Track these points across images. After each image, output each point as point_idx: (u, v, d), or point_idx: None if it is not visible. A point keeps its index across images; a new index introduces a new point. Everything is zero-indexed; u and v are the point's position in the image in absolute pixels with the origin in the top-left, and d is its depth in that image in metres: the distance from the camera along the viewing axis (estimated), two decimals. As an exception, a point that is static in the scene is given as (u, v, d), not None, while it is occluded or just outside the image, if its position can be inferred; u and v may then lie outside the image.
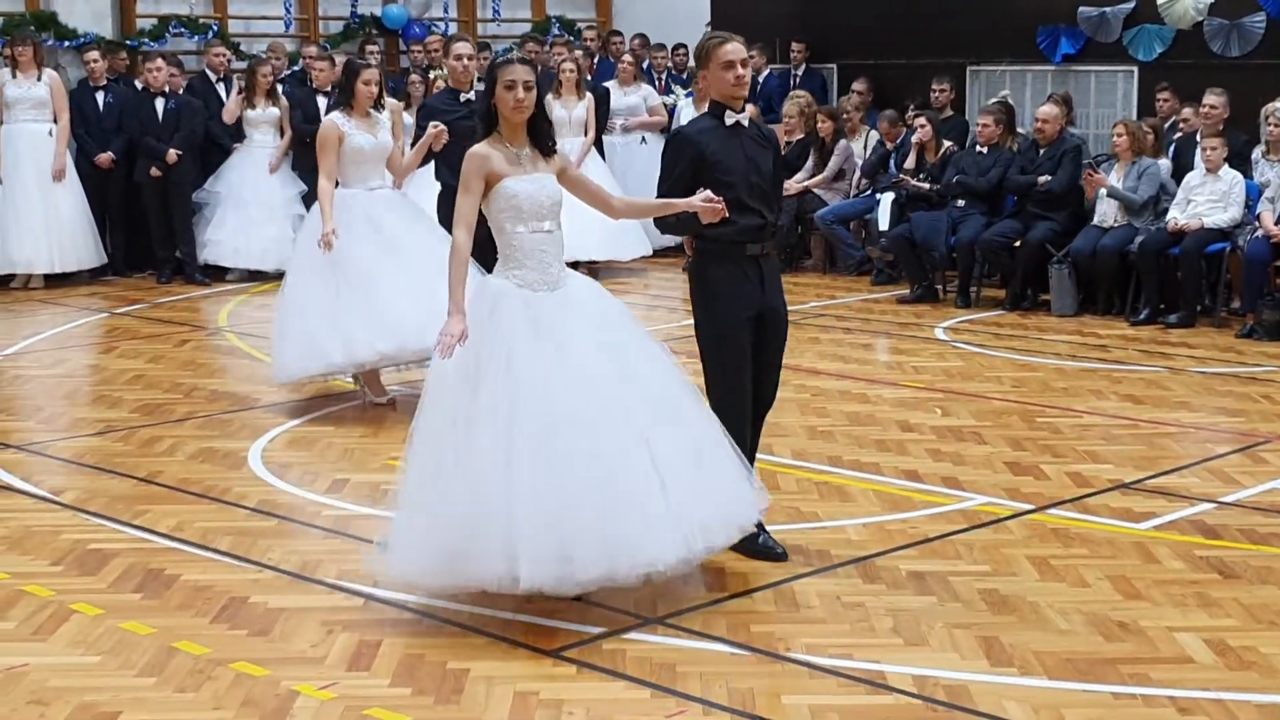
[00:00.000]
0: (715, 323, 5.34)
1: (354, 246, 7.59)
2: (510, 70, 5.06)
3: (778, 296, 5.47)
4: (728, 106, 5.37)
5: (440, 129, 7.62)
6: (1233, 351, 9.29)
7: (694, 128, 5.44)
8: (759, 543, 5.41)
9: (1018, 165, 11.00)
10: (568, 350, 4.93)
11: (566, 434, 4.80)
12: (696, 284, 5.42)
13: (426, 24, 15.30)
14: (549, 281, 5.06)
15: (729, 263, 5.33)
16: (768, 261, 5.44)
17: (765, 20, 14.66)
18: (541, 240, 5.07)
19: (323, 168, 7.72)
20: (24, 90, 11.84)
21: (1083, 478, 6.52)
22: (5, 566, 5.46)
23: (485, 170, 5.04)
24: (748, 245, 5.34)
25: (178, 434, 7.44)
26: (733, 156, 5.31)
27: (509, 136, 5.12)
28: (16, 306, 11.31)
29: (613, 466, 4.82)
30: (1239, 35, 12.15)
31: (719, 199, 5.10)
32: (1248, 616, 4.89)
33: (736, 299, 5.32)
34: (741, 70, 5.32)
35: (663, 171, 5.39)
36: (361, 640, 4.73)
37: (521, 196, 5.04)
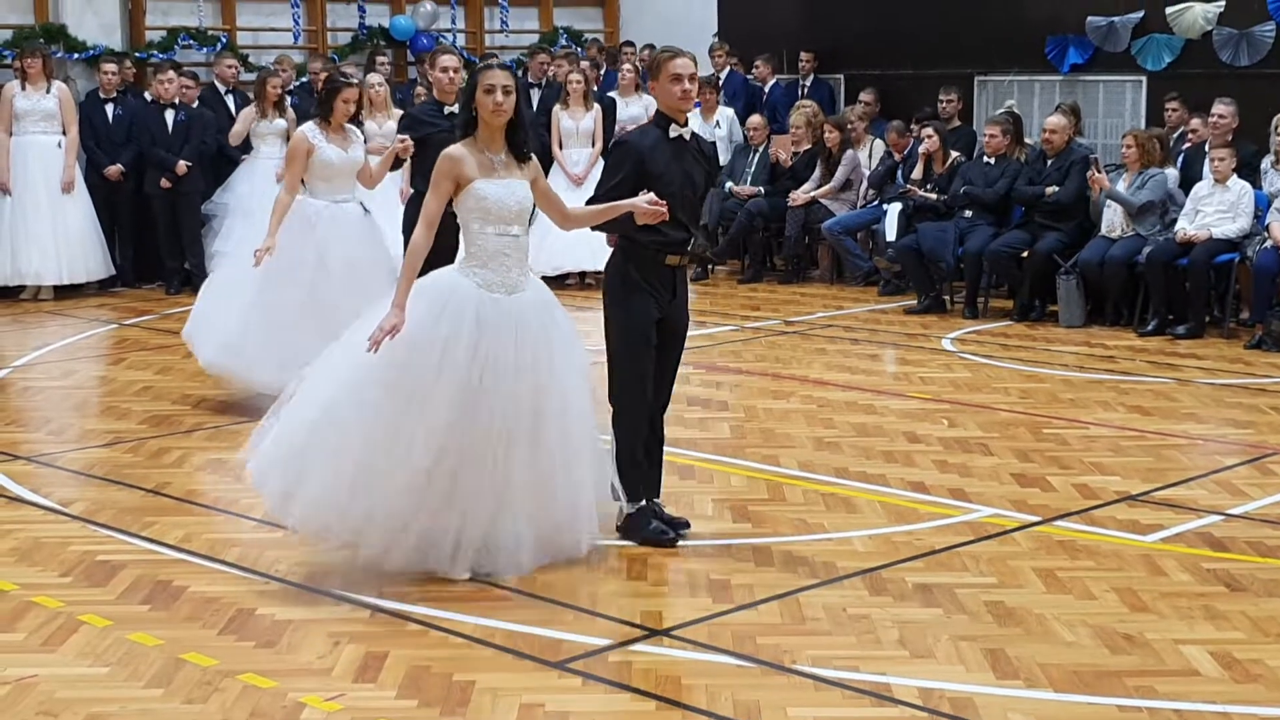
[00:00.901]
0: (628, 317, 5.59)
1: (304, 264, 7.73)
2: (490, 75, 5.22)
3: (684, 308, 5.77)
4: (672, 119, 5.61)
5: (406, 143, 7.75)
6: (1241, 363, 9.27)
7: (639, 136, 5.67)
8: (651, 530, 5.67)
9: (1025, 176, 11.01)
10: (490, 366, 5.19)
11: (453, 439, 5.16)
12: (614, 280, 5.65)
13: (434, 35, 15.34)
14: (507, 285, 5.28)
15: (647, 267, 5.58)
16: (680, 274, 5.72)
17: (773, 30, 14.70)
18: (506, 244, 5.26)
19: (286, 178, 7.91)
20: (33, 102, 11.89)
21: (1089, 489, 6.52)
22: (15, 578, 5.48)
23: (456, 173, 5.23)
24: (668, 255, 5.60)
25: (186, 445, 7.46)
26: (671, 169, 5.56)
27: (486, 140, 5.28)
28: (26, 318, 11.34)
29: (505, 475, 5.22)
30: (1249, 45, 12.16)
31: (662, 202, 5.32)
32: (1255, 629, 4.89)
33: (648, 300, 5.58)
34: (689, 85, 5.57)
35: (604, 176, 5.68)
36: (368, 652, 4.75)
37: (491, 199, 5.22)
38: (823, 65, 14.42)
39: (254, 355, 7.80)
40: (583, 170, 12.19)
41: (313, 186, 7.90)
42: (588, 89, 12.52)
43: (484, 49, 15.47)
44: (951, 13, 13.63)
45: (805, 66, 14.36)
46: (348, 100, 7.85)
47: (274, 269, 7.67)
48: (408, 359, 5.17)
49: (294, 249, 7.70)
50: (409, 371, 5.17)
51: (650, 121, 5.76)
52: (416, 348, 5.18)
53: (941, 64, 13.40)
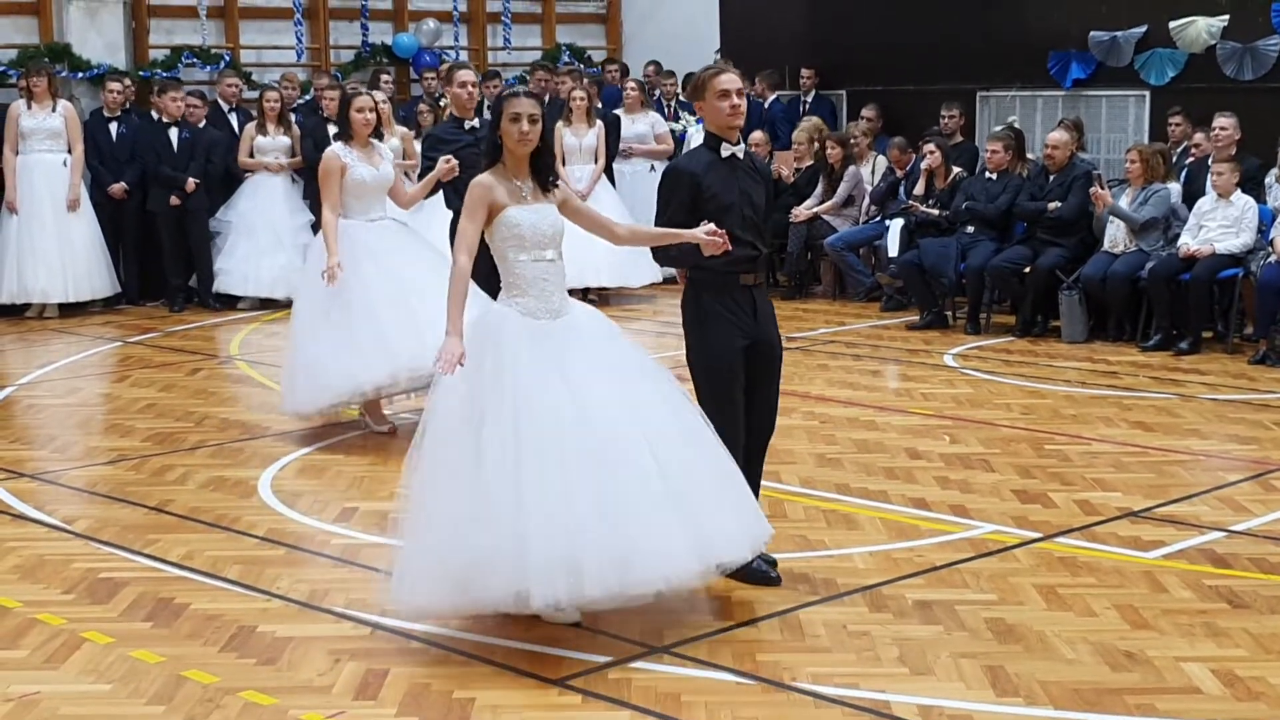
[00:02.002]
0: (708, 351, 5.38)
1: (356, 278, 7.63)
2: (516, 103, 5.13)
3: (770, 327, 5.51)
4: (723, 139, 5.45)
5: (452, 164, 7.67)
6: (1245, 378, 9.27)
7: (690, 161, 5.51)
8: (753, 567, 5.41)
9: (1027, 191, 11.01)
10: (571, 376, 4.97)
11: (572, 457, 4.84)
12: (690, 313, 5.46)
13: (437, 52, 15.39)
14: (551, 309, 5.12)
15: (722, 292, 5.38)
16: (759, 292, 5.50)
17: (774, 46, 14.73)
18: (544, 269, 5.14)
19: (326, 200, 7.79)
20: (39, 121, 11.94)
21: (1091, 506, 6.51)
22: (18, 595, 5.50)
23: (489, 200, 5.12)
24: (740, 275, 5.40)
25: (189, 463, 7.48)
26: (727, 189, 5.38)
27: (512, 169, 5.19)
28: (31, 336, 11.37)
29: (620, 488, 4.85)
30: (1252, 59, 12.17)
31: (722, 232, 5.15)
32: (1257, 647, 4.88)
33: (730, 327, 5.37)
34: (737, 100, 5.39)
35: (659, 204, 5.46)
36: (369, 669, 4.75)
37: (524, 226, 5.12)
38: (825, 81, 14.45)
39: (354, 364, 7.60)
40: (585, 187, 12.21)
41: (346, 206, 7.79)
42: (590, 106, 12.56)
43: (486, 66, 15.51)
44: (953, 28, 13.65)
45: (807, 83, 14.40)
46: (360, 110, 7.79)
47: (332, 293, 7.55)
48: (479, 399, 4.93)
49: (347, 266, 7.58)
50: (490, 410, 4.90)
51: (702, 144, 5.55)
52: (484, 383, 4.95)
53: (943, 79, 13.42)
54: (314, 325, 7.78)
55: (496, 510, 4.78)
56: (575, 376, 4.97)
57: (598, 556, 4.76)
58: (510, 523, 4.76)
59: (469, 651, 4.88)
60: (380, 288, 7.69)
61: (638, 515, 4.83)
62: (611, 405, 4.97)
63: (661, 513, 4.86)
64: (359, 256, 7.69)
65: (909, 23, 13.92)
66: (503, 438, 4.85)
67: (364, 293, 7.65)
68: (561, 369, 4.98)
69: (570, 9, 16.67)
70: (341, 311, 7.64)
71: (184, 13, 14.33)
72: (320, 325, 7.73)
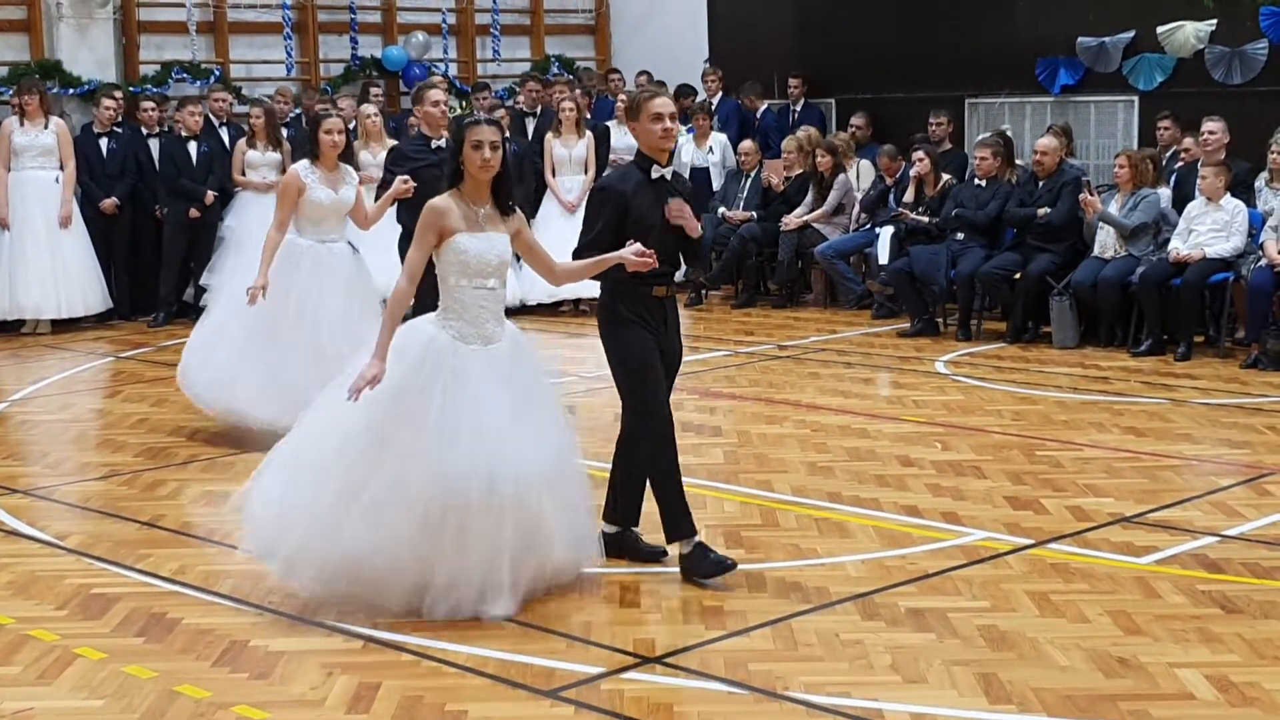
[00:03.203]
0: (632, 352, 5.62)
1: (288, 304, 7.73)
2: (478, 131, 5.30)
3: (676, 337, 5.83)
4: (654, 160, 5.65)
5: (408, 185, 7.71)
6: (1237, 382, 9.28)
7: (620, 180, 5.69)
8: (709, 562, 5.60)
9: (1017, 198, 11.03)
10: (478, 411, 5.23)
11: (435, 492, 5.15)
12: (608, 320, 5.70)
13: (426, 65, 15.40)
14: (483, 336, 5.35)
15: (635, 301, 5.62)
16: (670, 303, 5.76)
17: (762, 55, 14.77)
18: (482, 297, 5.34)
19: (276, 216, 7.89)
20: (31, 138, 11.96)
21: (1083, 512, 6.52)
22: (11, 611, 5.49)
23: (439, 225, 5.30)
24: (655, 287, 5.65)
25: (181, 477, 7.47)
26: (652, 211, 5.60)
27: (471, 193, 5.35)
28: (24, 352, 11.36)
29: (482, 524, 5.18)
30: (1241, 63, 12.20)
31: (650, 251, 5.38)
32: (1251, 652, 4.88)
33: (643, 332, 5.63)
34: (670, 124, 5.62)
35: (586, 221, 5.69)
36: (361, 682, 4.75)
37: (470, 254, 5.29)
38: (813, 89, 14.48)
39: (246, 393, 7.84)
40: (575, 197, 12.23)
41: (300, 226, 7.88)
42: (580, 116, 12.58)
43: (476, 78, 15.54)
44: (942, 35, 13.69)
45: (795, 91, 14.42)
46: (330, 132, 7.83)
47: (261, 308, 7.69)
48: (387, 411, 5.23)
49: (279, 288, 7.71)
50: (389, 423, 5.23)
51: (631, 163, 5.77)
52: (395, 399, 5.23)
53: (932, 86, 13.45)
54: (232, 323, 7.93)
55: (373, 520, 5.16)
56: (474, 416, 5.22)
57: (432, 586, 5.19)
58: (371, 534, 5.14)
59: (461, 664, 4.88)
60: (301, 325, 7.75)
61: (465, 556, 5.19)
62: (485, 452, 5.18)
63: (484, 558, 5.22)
64: (298, 282, 7.78)
65: (898, 30, 13.96)
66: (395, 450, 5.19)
67: (286, 325, 7.75)
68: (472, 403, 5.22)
69: (559, 20, 16.69)
70: (259, 330, 7.76)
71: (174, 28, 14.35)
72: (233, 326, 7.89)
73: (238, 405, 7.94)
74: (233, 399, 7.94)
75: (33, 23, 13.56)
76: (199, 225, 12.32)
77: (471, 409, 5.22)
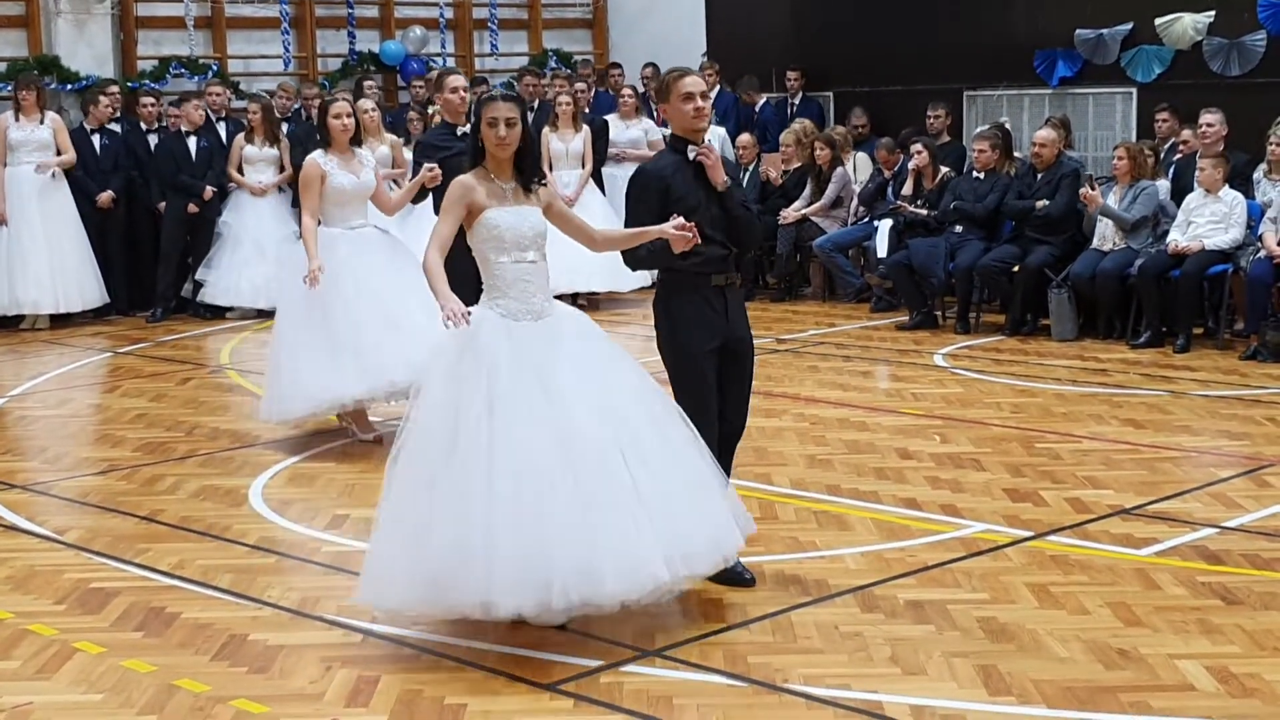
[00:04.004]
0: (680, 353, 5.39)
1: (336, 287, 7.63)
2: (493, 107, 5.19)
3: (743, 327, 5.53)
4: (689, 141, 5.46)
5: (435, 172, 7.62)
6: (1236, 374, 9.27)
7: (656, 164, 5.51)
8: (731, 569, 5.41)
9: (1015, 190, 11.02)
10: (549, 380, 4.97)
11: (546, 464, 4.84)
12: (661, 315, 5.47)
13: (424, 59, 15.39)
14: (532, 311, 5.12)
15: (693, 293, 5.40)
16: (732, 291, 5.51)
17: (760, 49, 14.75)
18: (525, 270, 5.14)
19: (306, 207, 7.78)
20: (27, 133, 11.96)
21: (1083, 504, 6.51)
22: (10, 606, 5.49)
23: (467, 199, 5.16)
24: (712, 276, 5.41)
25: (179, 472, 7.47)
26: (694, 190, 5.39)
27: (494, 170, 5.23)
28: (22, 348, 11.36)
29: (593, 495, 4.85)
30: (1239, 54, 12.19)
31: (691, 225, 5.15)
32: (1251, 643, 4.87)
33: (701, 329, 5.38)
34: (701, 102, 5.42)
35: (628, 208, 5.48)
36: (360, 676, 4.74)
37: (504, 227, 5.14)
38: (812, 83, 14.47)
39: (335, 384, 7.61)
40: (573, 192, 12.22)
41: (326, 214, 7.80)
42: (576, 110, 12.56)
43: (474, 73, 15.51)
44: (939, 28, 13.68)
45: (793, 85, 14.41)
46: (338, 116, 7.79)
47: (314, 306, 7.57)
48: (456, 402, 4.94)
49: (326, 278, 7.56)
50: (466, 412, 4.92)
51: (667, 147, 5.60)
52: (463, 385, 4.96)
53: (930, 79, 13.44)
54: (295, 333, 7.78)
55: (467, 518, 4.80)
56: (553, 382, 4.97)
57: (565, 569, 4.75)
58: (481, 531, 4.77)
59: (460, 657, 4.87)
60: (360, 299, 7.67)
61: (608, 527, 4.82)
62: (588, 412, 4.96)
63: (632, 525, 4.85)
64: (338, 266, 7.68)
65: (895, 23, 13.95)
66: (477, 444, 4.86)
67: (344, 304, 7.65)
68: (539, 374, 4.97)
69: (557, 14, 16.68)
70: (322, 321, 7.64)
71: (172, 23, 14.34)
72: (301, 334, 7.74)
73: (330, 396, 7.68)
74: (324, 394, 7.67)
75: (31, 18, 13.55)
76: (197, 220, 12.35)
77: (536, 373, 4.96)
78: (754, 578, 5.48)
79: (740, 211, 5.46)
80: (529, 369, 4.97)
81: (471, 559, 4.76)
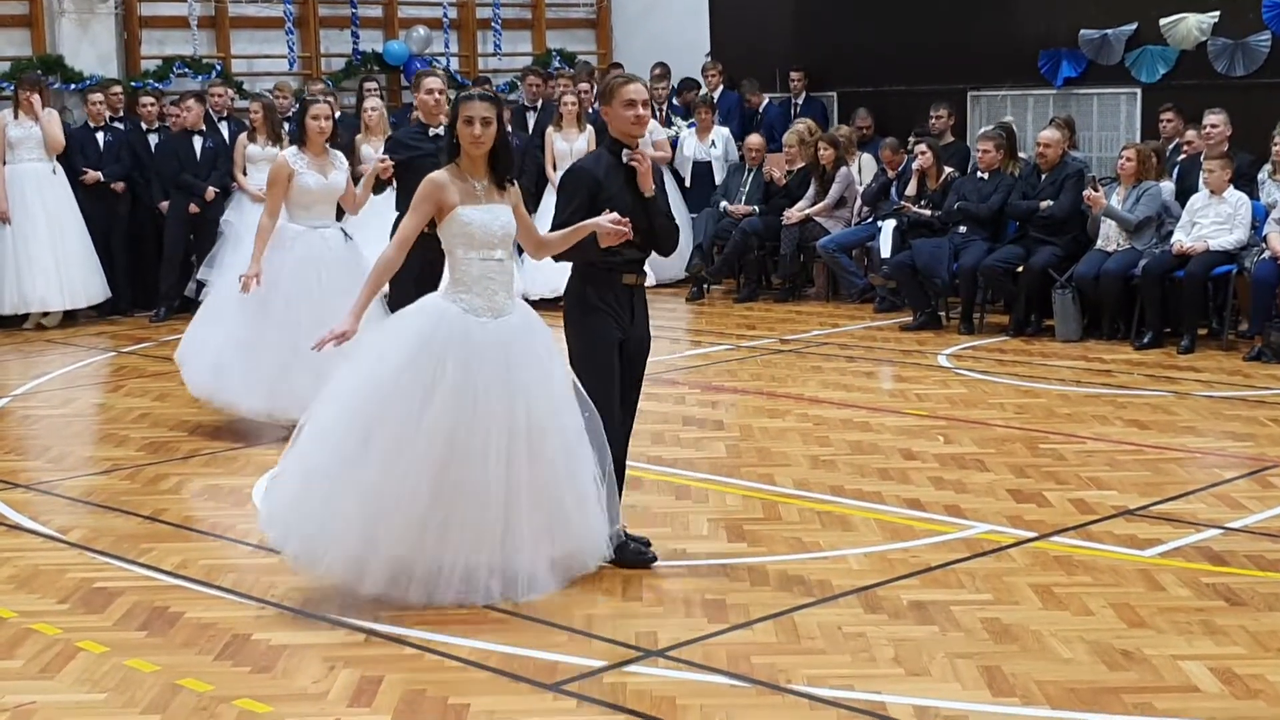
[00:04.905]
0: (588, 343, 5.60)
1: (278, 291, 7.72)
2: (470, 106, 5.32)
3: (644, 326, 5.76)
4: (625, 145, 5.64)
5: (386, 163, 7.77)
6: (1240, 375, 9.26)
7: (593, 163, 5.68)
8: (630, 551, 5.63)
9: (1019, 190, 11.01)
10: (482, 392, 5.21)
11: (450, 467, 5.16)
12: (573, 304, 5.68)
13: (428, 59, 15.38)
14: (493, 308, 5.33)
15: (604, 288, 5.60)
16: (639, 292, 5.74)
17: (764, 49, 14.74)
18: (491, 268, 5.33)
19: (267, 204, 7.92)
20: (26, 131, 11.95)
21: (1086, 505, 6.51)
22: (13, 605, 5.49)
23: (437, 198, 5.31)
24: (623, 275, 5.63)
25: (182, 471, 7.47)
26: (623, 194, 5.59)
27: (468, 168, 5.37)
28: (26, 346, 11.37)
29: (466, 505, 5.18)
30: (1244, 55, 12.18)
31: (625, 220, 5.35)
32: (1255, 644, 4.87)
33: (609, 320, 5.59)
34: (641, 110, 5.61)
35: (559, 202, 5.66)
36: (363, 676, 4.74)
37: (475, 225, 5.30)
38: (815, 83, 14.46)
39: (239, 382, 7.83)
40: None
41: (292, 212, 7.92)
42: (581, 110, 12.56)
43: (477, 72, 15.52)
44: (943, 28, 13.66)
45: (796, 85, 14.40)
46: (316, 117, 7.85)
47: (255, 295, 7.70)
48: (397, 387, 5.22)
49: (271, 275, 7.72)
50: (400, 400, 5.21)
51: (602, 147, 5.78)
52: (407, 373, 5.22)
53: (934, 79, 13.43)
54: (223, 316, 7.93)
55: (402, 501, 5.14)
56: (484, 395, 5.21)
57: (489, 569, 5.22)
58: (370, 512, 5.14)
59: (463, 657, 4.87)
60: (291, 312, 7.70)
61: (517, 534, 5.23)
62: (497, 433, 5.19)
63: (534, 533, 5.27)
64: (288, 267, 7.77)
65: (899, 23, 13.93)
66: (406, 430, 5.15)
67: (275, 313, 7.72)
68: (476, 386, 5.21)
69: (560, 14, 16.67)
70: (249, 322, 7.75)
71: (175, 23, 14.33)
72: (231, 319, 7.86)
73: (227, 395, 7.95)
74: (222, 389, 7.94)
75: (34, 18, 13.54)
76: (200, 220, 12.33)
77: (484, 379, 5.20)
78: (654, 556, 5.69)
79: (662, 220, 5.71)
80: (470, 381, 5.20)
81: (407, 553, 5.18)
